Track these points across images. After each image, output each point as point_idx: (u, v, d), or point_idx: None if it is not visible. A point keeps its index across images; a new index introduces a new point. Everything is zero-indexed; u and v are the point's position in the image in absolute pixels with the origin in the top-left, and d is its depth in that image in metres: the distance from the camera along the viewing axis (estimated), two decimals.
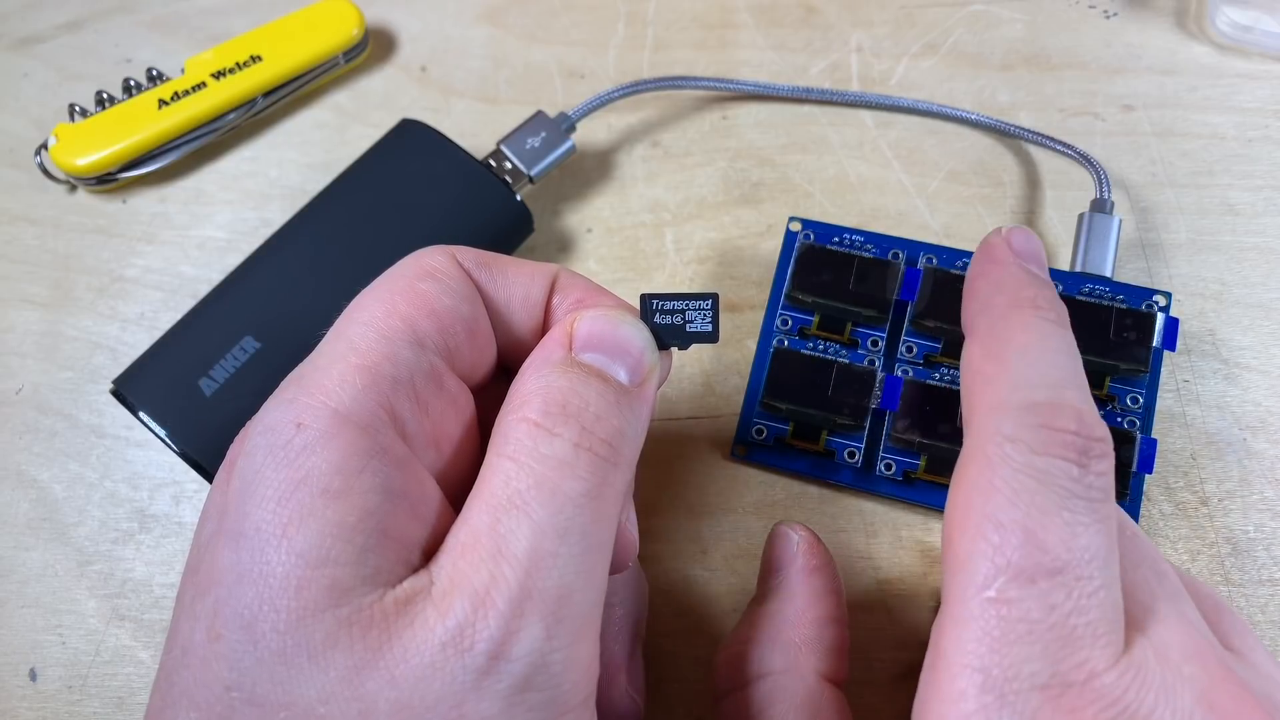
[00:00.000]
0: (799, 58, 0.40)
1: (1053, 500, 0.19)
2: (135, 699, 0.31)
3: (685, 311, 0.23)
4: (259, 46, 0.39)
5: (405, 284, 0.21)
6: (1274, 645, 0.29)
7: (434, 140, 0.35)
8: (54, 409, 0.35)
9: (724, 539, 0.32)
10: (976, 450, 0.20)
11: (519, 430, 0.19)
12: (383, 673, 0.17)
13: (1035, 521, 0.19)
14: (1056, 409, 0.20)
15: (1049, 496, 0.19)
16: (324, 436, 0.18)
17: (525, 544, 0.18)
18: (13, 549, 0.33)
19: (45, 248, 0.38)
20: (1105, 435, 0.20)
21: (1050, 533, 0.19)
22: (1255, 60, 0.39)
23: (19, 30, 0.42)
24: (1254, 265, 0.35)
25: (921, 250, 0.33)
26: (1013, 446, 0.20)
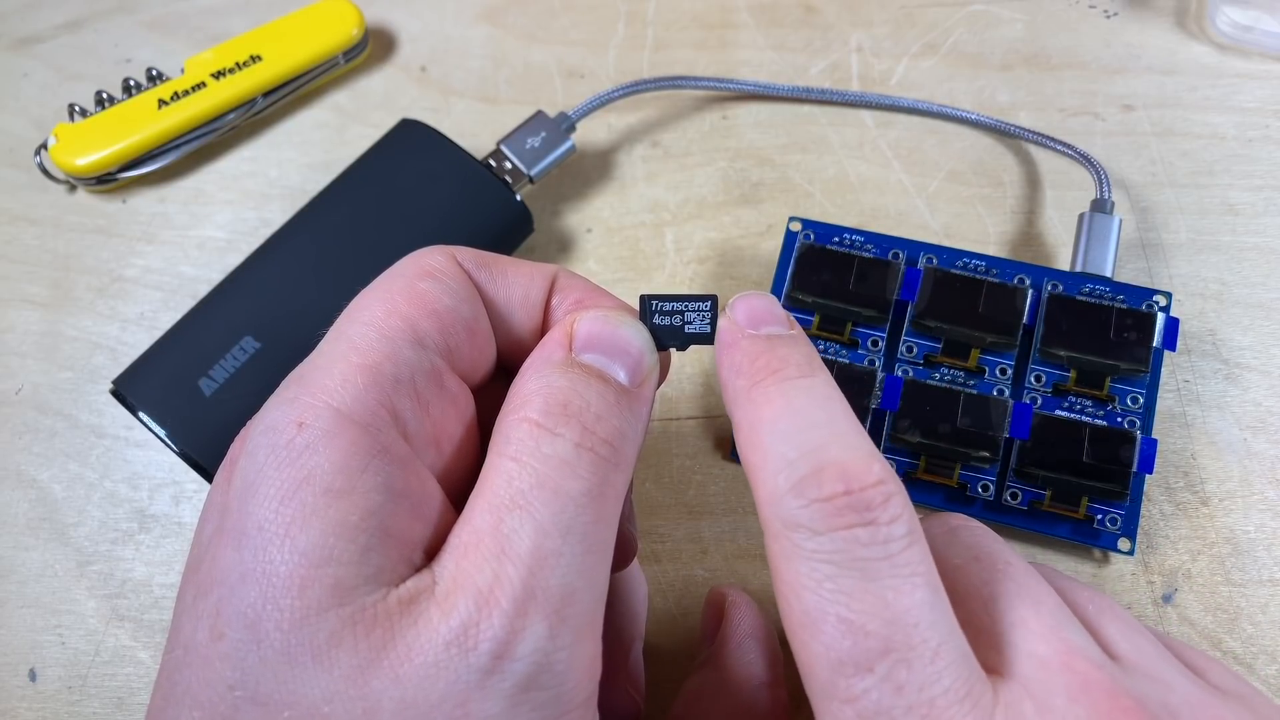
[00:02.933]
0: (799, 58, 0.40)
1: (855, 576, 0.18)
2: (135, 699, 0.31)
3: (684, 312, 0.23)
4: (259, 46, 0.39)
5: (405, 284, 0.21)
6: (1275, 645, 0.29)
7: (434, 140, 0.35)
8: (54, 409, 0.35)
9: (724, 539, 0.32)
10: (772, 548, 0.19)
11: (520, 430, 0.19)
12: (387, 672, 0.17)
13: (845, 607, 0.18)
14: (818, 477, 0.19)
15: (850, 574, 0.18)
16: (326, 436, 0.18)
17: (528, 543, 0.18)
18: (12, 549, 0.33)
19: (45, 248, 0.38)
20: (879, 476, 0.19)
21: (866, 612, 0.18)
22: (1255, 60, 0.39)
23: (19, 30, 0.42)
24: (1254, 265, 0.35)
25: (921, 250, 0.33)
26: (798, 535, 0.19)
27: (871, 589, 0.18)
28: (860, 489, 0.19)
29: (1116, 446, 0.30)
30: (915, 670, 0.18)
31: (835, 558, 0.18)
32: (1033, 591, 0.21)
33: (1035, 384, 0.31)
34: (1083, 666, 0.19)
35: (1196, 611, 0.30)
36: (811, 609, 0.18)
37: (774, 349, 0.22)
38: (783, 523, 0.19)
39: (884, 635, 0.18)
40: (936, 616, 0.18)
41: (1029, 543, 0.31)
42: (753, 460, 0.20)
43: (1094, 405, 0.31)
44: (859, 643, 0.18)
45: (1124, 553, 0.30)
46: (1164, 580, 0.30)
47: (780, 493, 0.19)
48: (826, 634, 0.18)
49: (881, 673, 0.18)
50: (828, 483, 0.19)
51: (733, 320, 0.22)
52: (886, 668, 0.18)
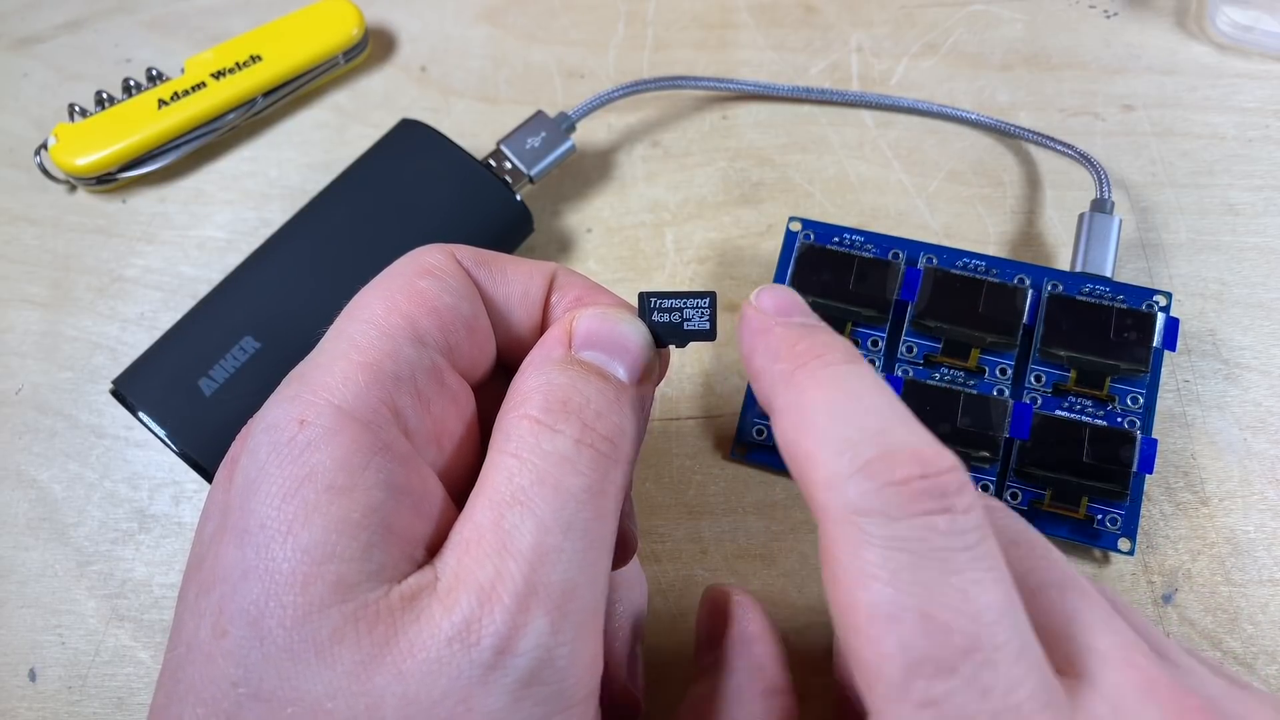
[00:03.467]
0: (799, 58, 0.40)
1: (935, 569, 0.17)
2: (135, 699, 0.31)
3: (683, 309, 0.23)
4: (259, 46, 0.39)
5: (405, 282, 0.21)
6: (1275, 645, 0.29)
7: (434, 140, 0.35)
8: (54, 409, 0.35)
9: (724, 539, 0.32)
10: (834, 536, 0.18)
11: (521, 427, 0.19)
12: (389, 667, 0.17)
13: (926, 600, 0.17)
14: (891, 460, 0.17)
15: (930, 566, 0.17)
16: (327, 433, 0.18)
17: (529, 539, 0.18)
18: (12, 549, 0.33)
19: (45, 248, 0.38)
20: (953, 463, 0.18)
21: (949, 608, 0.17)
22: (1255, 60, 0.39)
23: (19, 30, 0.42)
24: (1254, 265, 0.35)
25: (921, 250, 0.33)
26: (868, 521, 0.17)
27: (954, 582, 0.17)
28: (936, 474, 0.17)
29: (1116, 446, 0.30)
30: (1001, 672, 0.16)
31: (913, 546, 0.17)
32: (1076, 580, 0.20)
33: (1035, 384, 0.31)
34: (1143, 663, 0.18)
35: (1196, 611, 0.30)
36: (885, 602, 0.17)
37: (814, 335, 0.21)
38: (848, 508, 0.17)
39: (969, 633, 0.16)
40: (1018, 615, 0.17)
41: None
42: (804, 444, 0.19)
43: (1094, 405, 0.31)
44: (942, 641, 0.16)
45: (1124, 553, 0.30)
46: (1164, 580, 0.30)
47: (844, 476, 0.18)
48: (904, 630, 0.17)
49: (966, 675, 0.16)
50: (902, 466, 0.17)
51: (760, 309, 0.21)
52: (971, 669, 0.16)
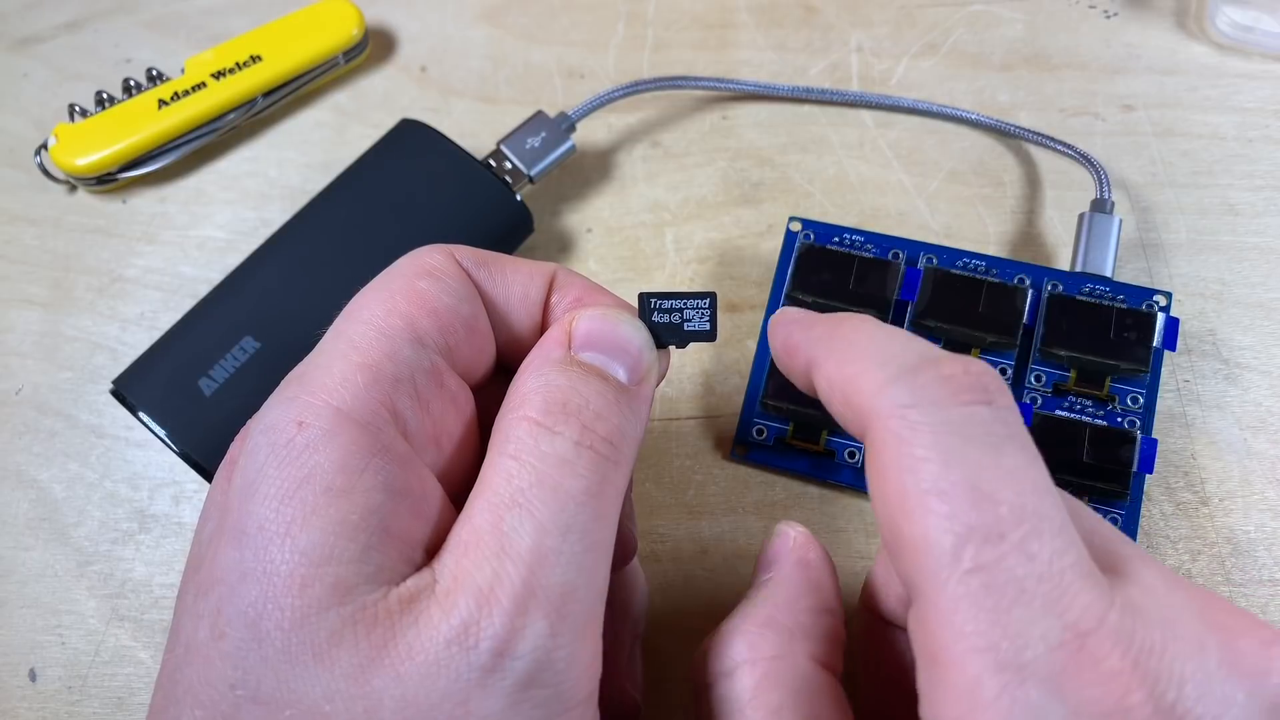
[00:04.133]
0: (799, 58, 0.40)
1: (982, 449, 0.18)
2: (135, 699, 0.31)
3: (683, 310, 0.23)
4: (259, 46, 0.39)
5: (405, 283, 0.21)
6: None
7: (434, 140, 0.35)
8: (54, 409, 0.35)
9: (724, 539, 0.32)
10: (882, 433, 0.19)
11: (520, 429, 0.19)
12: (388, 670, 0.17)
13: (977, 476, 0.18)
14: (936, 363, 0.19)
15: (977, 446, 0.18)
16: (326, 435, 0.18)
17: (528, 542, 0.18)
18: (13, 549, 0.33)
19: (45, 248, 0.38)
20: (987, 366, 0.19)
21: (997, 482, 0.18)
22: (1255, 60, 0.39)
23: (19, 30, 0.42)
24: (1254, 265, 0.35)
25: (922, 250, 0.33)
26: (917, 412, 0.18)
27: (1000, 462, 0.18)
28: (978, 373, 0.19)
29: (1116, 446, 0.30)
30: (1046, 541, 0.17)
31: (962, 430, 0.18)
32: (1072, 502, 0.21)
33: (1035, 384, 0.31)
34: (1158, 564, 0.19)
35: None
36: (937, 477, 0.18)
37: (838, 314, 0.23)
38: (898, 403, 0.19)
39: (1017, 505, 0.17)
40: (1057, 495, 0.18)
41: None
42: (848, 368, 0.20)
43: (1094, 405, 0.31)
44: (990, 511, 0.17)
45: None
46: None
47: (891, 378, 0.19)
48: (955, 501, 0.17)
49: (1014, 541, 0.17)
50: (946, 366, 0.19)
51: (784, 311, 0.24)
52: (1019, 536, 0.17)
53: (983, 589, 0.17)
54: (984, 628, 0.17)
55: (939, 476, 0.18)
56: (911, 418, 0.18)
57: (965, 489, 0.17)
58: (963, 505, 0.17)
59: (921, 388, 0.19)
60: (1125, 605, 0.17)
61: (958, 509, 0.17)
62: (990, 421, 0.18)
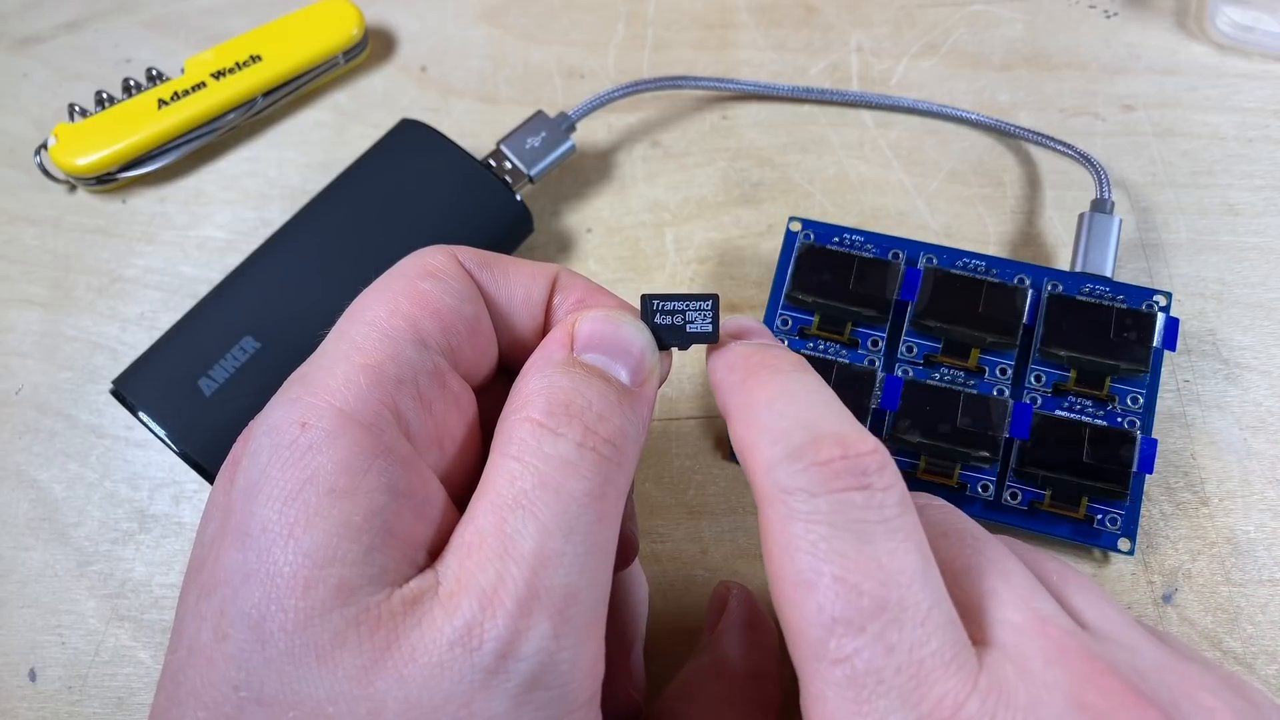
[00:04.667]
0: (799, 58, 0.40)
1: (850, 539, 0.18)
2: (135, 699, 0.31)
3: (686, 312, 0.23)
4: (259, 46, 0.39)
5: (407, 284, 0.21)
6: (1274, 645, 0.29)
7: (434, 140, 0.35)
8: (54, 409, 0.35)
9: (724, 539, 0.32)
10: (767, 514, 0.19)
11: (522, 430, 0.19)
12: (391, 672, 0.17)
13: (840, 566, 0.18)
14: (816, 444, 0.19)
15: (845, 535, 0.18)
16: (329, 436, 0.18)
17: (531, 543, 0.18)
18: (13, 549, 0.33)
19: (45, 248, 0.38)
20: (875, 446, 0.19)
21: (860, 572, 0.18)
22: (1255, 60, 0.39)
23: (19, 30, 0.42)
24: (1254, 265, 0.35)
25: (921, 250, 0.33)
26: (793, 498, 0.19)
27: (866, 550, 0.18)
28: (857, 455, 0.19)
29: (1116, 446, 0.30)
30: (906, 631, 0.18)
31: (832, 519, 0.18)
32: (1001, 564, 0.21)
33: (1035, 384, 0.31)
34: (1055, 633, 0.19)
35: (1196, 611, 0.30)
36: (805, 569, 0.18)
37: (766, 350, 0.22)
38: (778, 487, 0.19)
39: (878, 595, 0.18)
40: (928, 580, 0.19)
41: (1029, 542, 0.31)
42: (747, 438, 0.20)
43: (1094, 405, 0.31)
44: (852, 602, 0.18)
45: (1124, 553, 0.30)
46: (1164, 580, 0.30)
47: (776, 460, 0.19)
48: (820, 593, 0.18)
49: (874, 632, 0.18)
50: (824, 448, 0.19)
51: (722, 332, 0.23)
52: (879, 627, 0.18)
53: (846, 680, 0.18)
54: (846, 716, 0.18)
55: (807, 567, 0.18)
56: (790, 503, 0.19)
57: (829, 580, 0.18)
58: (827, 596, 0.18)
59: (800, 473, 0.19)
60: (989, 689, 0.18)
61: (823, 600, 0.18)
62: (862, 508, 0.19)
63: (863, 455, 0.19)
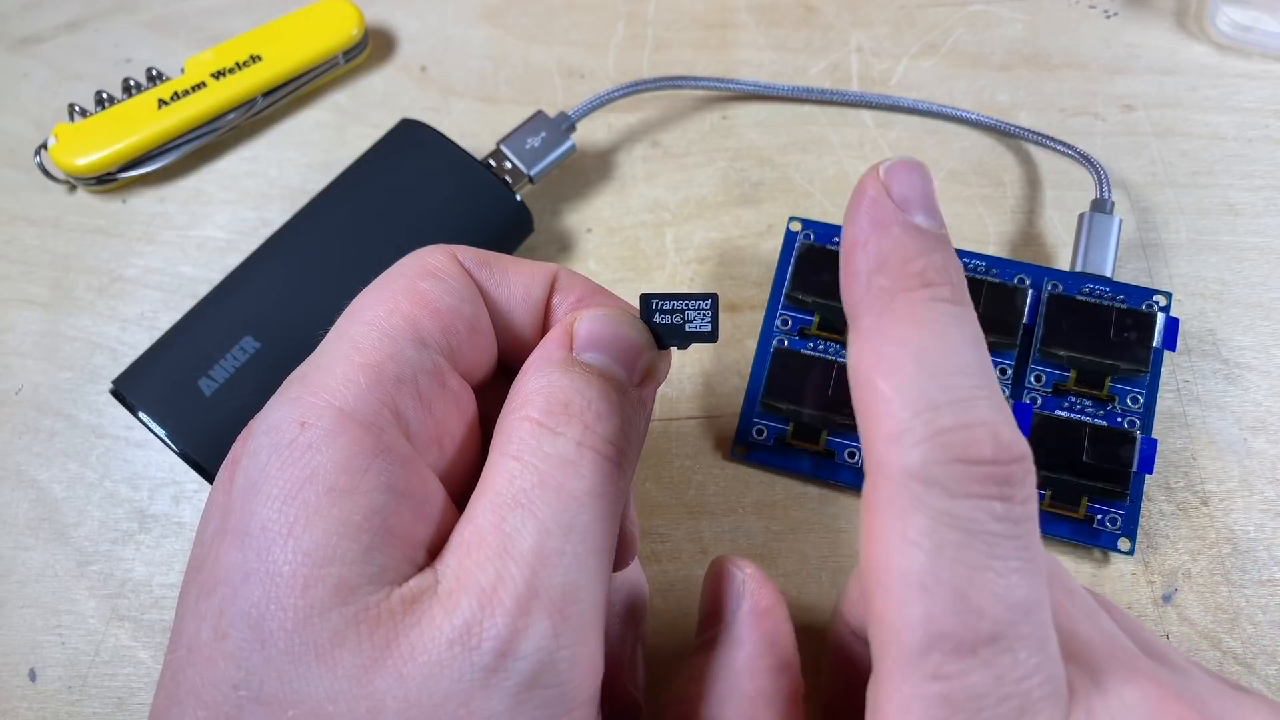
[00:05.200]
0: (799, 58, 0.40)
1: (980, 551, 0.17)
2: (135, 699, 0.31)
3: (685, 311, 0.23)
4: (259, 46, 0.39)
5: (407, 283, 0.21)
6: (1274, 645, 0.29)
7: (434, 140, 0.35)
8: (54, 409, 0.35)
9: (724, 539, 0.32)
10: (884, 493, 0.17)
11: (522, 429, 0.19)
12: (390, 671, 0.17)
13: (965, 580, 0.16)
14: (969, 435, 0.17)
15: (975, 548, 0.16)
16: (329, 435, 0.18)
17: (531, 542, 0.18)
18: (12, 549, 0.33)
19: (45, 248, 0.38)
20: (1024, 451, 0.17)
21: (983, 592, 0.16)
22: (1255, 60, 0.39)
23: (19, 30, 0.42)
24: (1254, 265, 0.35)
25: None
26: (925, 490, 0.17)
27: (994, 568, 0.16)
28: (1008, 460, 0.17)
29: (1117, 446, 0.30)
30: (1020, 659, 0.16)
31: (965, 525, 0.16)
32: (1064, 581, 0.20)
33: (1035, 384, 0.31)
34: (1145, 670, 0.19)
35: (1196, 611, 0.30)
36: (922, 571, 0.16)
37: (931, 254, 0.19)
38: (908, 470, 0.17)
39: (999, 620, 0.16)
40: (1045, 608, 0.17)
41: None
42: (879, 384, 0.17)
43: (1094, 405, 0.31)
44: (970, 623, 0.16)
45: (1124, 553, 0.30)
46: (1164, 580, 0.30)
47: (915, 436, 0.17)
48: (936, 603, 0.16)
49: (984, 658, 0.16)
50: (976, 445, 0.17)
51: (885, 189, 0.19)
52: (991, 654, 0.16)
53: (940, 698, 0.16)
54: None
55: (925, 570, 0.17)
56: (915, 491, 0.17)
57: (949, 592, 0.16)
58: (941, 609, 0.16)
59: (942, 465, 0.17)
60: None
61: (935, 611, 0.16)
62: (1000, 520, 0.17)
63: (1012, 463, 0.17)
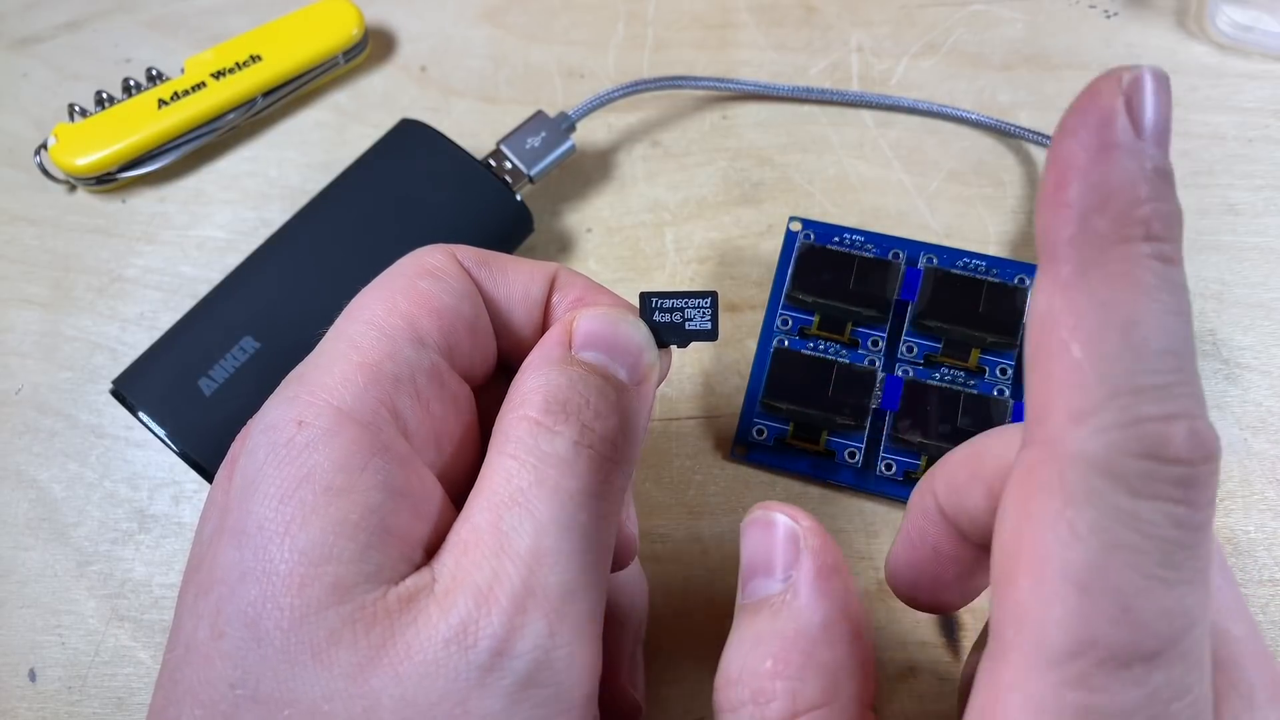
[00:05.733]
0: (799, 58, 0.40)
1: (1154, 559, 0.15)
2: (135, 699, 0.31)
3: (685, 309, 0.23)
4: (259, 46, 0.39)
5: (406, 282, 0.21)
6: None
7: (434, 140, 0.35)
8: (54, 409, 0.35)
9: (724, 539, 0.32)
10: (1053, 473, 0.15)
11: (520, 428, 0.19)
12: (386, 669, 0.17)
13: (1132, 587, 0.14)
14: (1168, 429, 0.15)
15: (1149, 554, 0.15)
16: (326, 434, 0.18)
17: (528, 541, 0.18)
18: (12, 549, 0.33)
19: (45, 248, 0.38)
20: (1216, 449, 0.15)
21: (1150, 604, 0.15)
22: (1255, 60, 0.39)
23: (19, 30, 0.42)
24: (1254, 265, 0.35)
25: (922, 250, 0.33)
26: (1107, 484, 0.15)
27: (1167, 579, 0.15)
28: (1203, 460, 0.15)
29: None
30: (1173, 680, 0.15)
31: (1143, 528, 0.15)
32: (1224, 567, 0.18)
33: None
34: None
35: None
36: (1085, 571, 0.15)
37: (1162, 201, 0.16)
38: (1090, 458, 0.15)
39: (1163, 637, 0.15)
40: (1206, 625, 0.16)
41: None
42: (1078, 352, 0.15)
43: None
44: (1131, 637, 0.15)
45: None
46: None
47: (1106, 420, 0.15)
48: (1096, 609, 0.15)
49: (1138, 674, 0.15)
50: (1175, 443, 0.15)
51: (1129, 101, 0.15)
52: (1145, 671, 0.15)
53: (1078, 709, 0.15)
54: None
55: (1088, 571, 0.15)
56: (1094, 482, 0.15)
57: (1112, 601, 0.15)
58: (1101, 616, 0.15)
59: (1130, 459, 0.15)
60: None
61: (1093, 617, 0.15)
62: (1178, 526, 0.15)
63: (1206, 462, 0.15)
